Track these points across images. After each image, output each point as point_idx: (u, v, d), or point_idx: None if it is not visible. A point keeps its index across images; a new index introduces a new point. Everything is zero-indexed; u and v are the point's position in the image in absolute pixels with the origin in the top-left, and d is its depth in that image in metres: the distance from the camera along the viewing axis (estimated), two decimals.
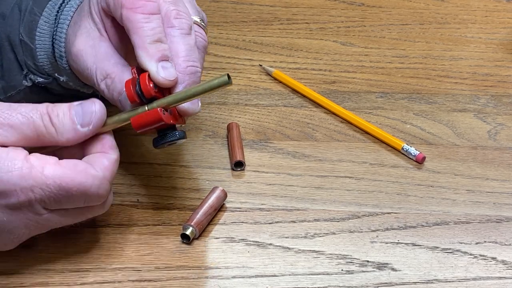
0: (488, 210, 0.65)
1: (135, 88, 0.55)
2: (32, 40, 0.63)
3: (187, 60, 0.57)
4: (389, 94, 0.78)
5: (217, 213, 0.63)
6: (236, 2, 0.92)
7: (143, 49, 0.55)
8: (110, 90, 0.57)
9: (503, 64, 0.83)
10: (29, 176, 0.51)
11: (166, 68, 0.55)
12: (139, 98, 0.55)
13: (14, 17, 0.64)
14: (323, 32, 0.87)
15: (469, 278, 0.59)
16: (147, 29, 0.56)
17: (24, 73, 0.65)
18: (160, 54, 0.55)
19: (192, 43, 0.58)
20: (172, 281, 0.58)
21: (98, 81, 0.58)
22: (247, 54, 0.83)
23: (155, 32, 0.56)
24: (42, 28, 0.62)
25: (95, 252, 0.59)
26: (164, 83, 0.55)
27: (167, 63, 0.56)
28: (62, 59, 0.62)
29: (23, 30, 0.63)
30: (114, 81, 0.57)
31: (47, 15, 0.62)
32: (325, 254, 0.60)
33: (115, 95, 0.57)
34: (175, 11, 0.58)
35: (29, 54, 0.63)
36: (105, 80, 0.57)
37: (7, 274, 0.57)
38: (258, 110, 0.75)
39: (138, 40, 0.56)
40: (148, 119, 0.55)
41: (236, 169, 0.68)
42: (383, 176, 0.68)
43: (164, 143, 0.56)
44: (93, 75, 0.58)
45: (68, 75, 0.63)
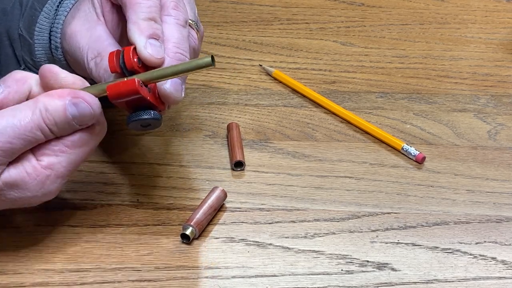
0: (488, 210, 0.65)
1: (119, 60, 0.54)
2: (31, 35, 0.63)
3: (177, 46, 0.56)
4: (389, 94, 0.78)
5: (217, 213, 0.63)
6: (236, 2, 0.92)
7: (135, 23, 0.55)
8: (98, 68, 0.57)
9: (503, 64, 0.83)
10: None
11: (154, 45, 0.55)
12: (121, 70, 0.54)
13: (15, 12, 0.64)
14: (323, 32, 0.87)
15: (469, 278, 0.59)
16: (143, 6, 0.56)
17: (22, 68, 0.65)
18: (151, 31, 0.55)
19: (185, 34, 0.58)
20: (172, 281, 0.58)
21: (88, 59, 0.57)
22: (247, 54, 0.83)
23: (150, 10, 0.56)
24: (42, 24, 0.63)
25: (95, 252, 0.59)
26: (149, 59, 0.55)
27: (156, 42, 0.55)
28: (57, 50, 0.62)
29: (23, 25, 0.63)
30: (103, 59, 0.56)
31: (48, 11, 0.63)
32: (325, 254, 0.60)
33: (101, 72, 0.57)
34: (174, 3, 0.58)
35: (27, 49, 0.64)
36: (95, 58, 0.57)
37: (7, 274, 0.57)
38: (258, 110, 0.75)
39: (133, 15, 0.56)
40: (124, 88, 0.53)
41: (236, 169, 0.68)
42: (383, 176, 0.68)
43: (136, 120, 0.55)
44: (84, 54, 0.58)
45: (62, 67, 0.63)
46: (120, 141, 0.70)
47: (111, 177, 0.66)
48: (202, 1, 0.91)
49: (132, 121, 0.55)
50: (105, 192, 0.65)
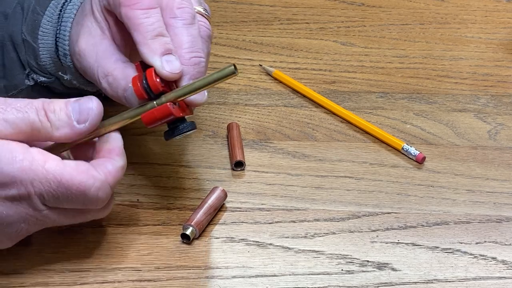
0: (488, 210, 0.65)
1: (142, 84, 0.55)
2: (34, 39, 0.63)
3: (191, 51, 0.57)
4: (389, 94, 0.78)
5: (217, 213, 0.63)
6: (236, 2, 0.92)
7: (145, 45, 0.56)
8: (113, 88, 0.57)
9: (503, 64, 0.83)
10: (29, 169, 0.51)
11: (170, 62, 0.55)
12: (147, 94, 0.55)
13: (17, 16, 0.64)
14: (323, 32, 0.87)
15: (469, 278, 0.59)
16: (146, 25, 0.56)
17: (27, 72, 0.65)
18: (162, 49, 0.56)
19: (196, 33, 0.58)
20: (172, 281, 0.58)
21: (100, 79, 0.58)
22: (247, 54, 0.83)
23: (155, 26, 0.56)
24: (45, 27, 0.62)
25: (95, 252, 0.59)
26: (169, 77, 0.55)
27: (170, 56, 0.56)
28: (66, 58, 0.62)
29: (26, 29, 0.63)
30: (116, 78, 0.57)
31: (50, 14, 0.62)
32: (325, 254, 0.60)
33: (120, 92, 0.57)
34: (177, 1, 0.58)
35: (31, 53, 0.63)
36: (107, 77, 0.57)
37: (7, 274, 0.57)
38: (258, 110, 0.75)
39: (139, 37, 0.56)
40: (159, 115, 0.55)
41: (236, 169, 0.68)
42: (383, 176, 0.68)
43: (175, 135, 0.57)
44: (95, 74, 0.58)
45: (72, 73, 0.63)
46: None
47: None
48: None
49: (173, 137, 0.57)
50: None
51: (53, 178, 0.52)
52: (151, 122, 0.55)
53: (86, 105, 0.54)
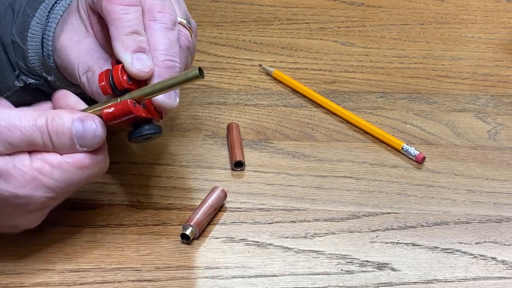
0: (488, 210, 0.65)
1: (108, 80, 0.54)
2: (24, 41, 0.63)
3: (166, 54, 0.56)
4: (389, 94, 0.78)
5: (217, 213, 0.63)
6: (236, 2, 0.92)
7: (118, 40, 0.55)
8: (90, 83, 0.57)
9: (503, 64, 0.83)
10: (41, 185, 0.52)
11: (140, 60, 0.55)
12: (112, 90, 0.54)
13: (7, 18, 0.64)
14: (323, 32, 0.87)
15: (469, 278, 0.59)
16: (124, 21, 0.55)
17: (16, 74, 0.65)
18: (135, 46, 0.55)
19: (174, 38, 0.57)
20: (172, 281, 0.58)
21: (80, 74, 0.57)
22: (247, 54, 0.83)
23: (132, 23, 0.55)
24: (34, 29, 0.62)
25: (95, 252, 0.59)
26: (138, 74, 0.55)
27: (142, 55, 0.55)
28: (49, 58, 0.62)
29: (15, 31, 0.63)
30: (95, 74, 0.56)
31: (40, 16, 0.62)
32: (325, 254, 0.60)
33: (94, 88, 0.56)
34: (159, 5, 0.57)
35: (20, 55, 0.63)
36: (87, 73, 0.57)
37: (7, 274, 0.57)
38: (258, 110, 0.75)
39: (115, 31, 0.55)
40: (118, 111, 0.54)
41: (236, 169, 0.68)
42: (383, 176, 0.68)
43: (137, 136, 0.55)
44: (75, 69, 0.58)
45: (55, 74, 0.63)
46: (120, 141, 0.70)
47: (111, 177, 0.66)
48: (202, 1, 0.92)
49: (133, 138, 0.56)
50: (105, 192, 0.65)
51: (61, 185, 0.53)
52: (110, 118, 0.54)
53: (90, 128, 0.53)
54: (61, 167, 0.53)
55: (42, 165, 0.52)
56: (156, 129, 0.55)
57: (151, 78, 0.55)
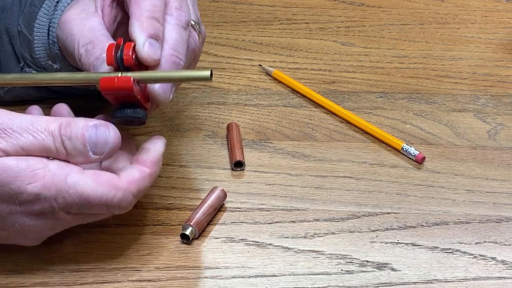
0: (488, 210, 0.65)
1: (116, 53, 0.54)
2: (30, 31, 0.63)
3: (174, 49, 0.56)
4: (389, 94, 0.78)
5: (217, 213, 0.63)
6: (236, 2, 0.92)
7: (138, 20, 0.55)
8: (88, 55, 0.56)
9: (503, 64, 0.83)
10: (51, 185, 0.51)
11: (152, 45, 0.55)
12: (117, 64, 0.54)
13: (14, 9, 0.64)
14: (323, 32, 0.87)
15: (468, 278, 0.59)
16: (148, 4, 0.56)
17: (21, 65, 0.65)
18: (152, 31, 0.55)
19: (185, 37, 0.58)
20: (172, 281, 0.58)
21: (79, 46, 0.57)
22: (247, 54, 0.83)
23: (155, 9, 0.56)
24: (41, 20, 0.63)
25: (95, 252, 0.59)
26: (145, 59, 0.55)
27: (155, 42, 0.55)
28: (54, 45, 0.62)
29: (22, 21, 0.63)
30: (96, 47, 0.56)
31: (47, 7, 0.63)
32: (325, 254, 0.60)
33: (92, 59, 0.56)
34: (177, 3, 0.58)
35: (26, 46, 0.64)
36: (86, 45, 0.57)
37: (7, 274, 0.57)
38: (258, 110, 0.75)
39: (137, 11, 0.55)
40: (119, 83, 0.53)
41: (236, 169, 0.68)
42: (383, 176, 0.68)
43: (122, 116, 0.55)
44: (76, 41, 0.57)
45: (60, 61, 0.63)
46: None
47: None
48: (202, 1, 0.91)
49: (118, 117, 0.55)
50: None
51: (74, 192, 0.52)
52: (108, 88, 0.53)
53: (103, 136, 0.53)
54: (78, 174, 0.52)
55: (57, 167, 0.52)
56: (142, 114, 0.55)
57: (154, 67, 0.55)
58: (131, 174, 0.54)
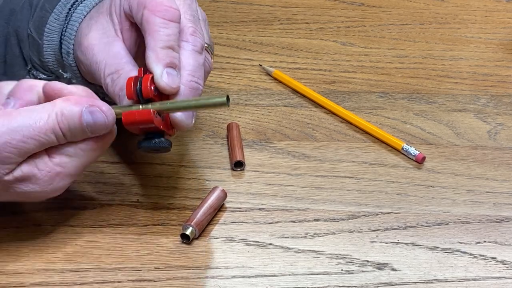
0: (488, 210, 0.65)
1: (136, 86, 0.55)
2: (40, 36, 0.63)
3: (193, 75, 0.58)
4: (389, 94, 0.78)
5: (217, 213, 0.63)
6: (236, 2, 0.92)
7: (154, 51, 0.56)
8: (114, 85, 0.58)
9: (503, 64, 0.83)
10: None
11: (171, 75, 0.56)
12: (137, 97, 0.56)
13: (24, 12, 0.65)
14: (323, 32, 0.87)
15: (469, 278, 0.59)
16: (163, 34, 0.56)
17: (28, 68, 0.65)
18: (168, 60, 0.56)
19: (201, 62, 0.59)
20: (172, 281, 0.58)
21: (104, 75, 0.58)
22: (247, 54, 0.83)
23: (170, 38, 0.57)
24: (52, 25, 0.63)
25: (95, 252, 0.59)
26: (165, 88, 0.56)
27: (173, 71, 0.56)
28: (69, 56, 0.62)
29: (32, 25, 0.64)
30: (120, 77, 0.57)
31: (58, 12, 0.63)
32: (325, 254, 0.60)
33: (117, 90, 0.57)
34: (192, 28, 0.59)
35: (35, 49, 0.64)
36: (112, 75, 0.58)
37: (7, 274, 0.57)
38: (258, 110, 0.75)
39: (152, 42, 0.56)
40: (139, 117, 0.55)
41: (236, 169, 0.68)
42: (383, 176, 0.68)
43: (148, 146, 0.57)
44: (101, 69, 0.58)
45: (72, 72, 0.63)
46: (120, 141, 0.70)
47: (111, 177, 0.66)
48: (202, 1, 0.91)
49: (143, 146, 0.57)
50: (105, 192, 0.65)
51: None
52: (129, 122, 0.55)
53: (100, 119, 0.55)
54: (77, 154, 0.55)
55: (60, 158, 0.55)
56: (167, 143, 0.57)
57: (175, 95, 0.57)
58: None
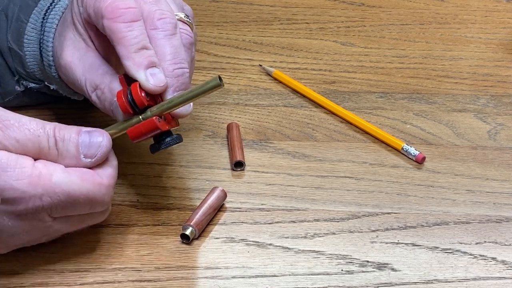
0: (488, 210, 0.65)
1: (127, 99, 0.55)
2: (20, 47, 0.62)
3: (174, 62, 0.56)
4: (389, 94, 0.78)
5: (217, 213, 0.63)
6: (236, 2, 0.92)
7: (129, 59, 0.55)
8: (101, 101, 0.57)
9: (503, 64, 0.83)
10: (37, 184, 0.51)
11: (154, 75, 0.55)
12: (132, 109, 0.55)
13: (1, 24, 0.64)
14: (323, 32, 0.87)
15: (469, 278, 0.59)
16: (130, 38, 0.55)
17: (16, 79, 0.65)
18: (146, 62, 0.55)
19: (178, 43, 0.57)
20: (172, 281, 0.58)
21: (89, 92, 0.58)
22: (247, 54, 0.83)
23: (138, 39, 0.55)
24: (30, 35, 0.62)
25: (95, 252, 0.59)
26: (154, 90, 0.55)
27: (155, 69, 0.55)
28: (50, 68, 0.61)
29: (11, 37, 0.63)
30: (104, 92, 0.57)
31: (34, 22, 0.62)
32: (325, 254, 0.60)
33: (107, 105, 0.57)
34: (158, 11, 0.57)
35: (18, 61, 0.63)
36: (96, 91, 0.57)
37: (7, 274, 0.57)
38: (258, 110, 0.75)
39: (123, 51, 0.55)
40: (145, 129, 0.55)
41: (236, 169, 0.68)
42: (383, 176, 0.68)
43: (163, 148, 0.57)
44: (83, 86, 0.58)
45: (57, 84, 0.63)
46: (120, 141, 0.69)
47: None
48: (202, 1, 0.92)
49: (159, 150, 0.57)
50: None
51: (61, 191, 0.52)
52: (137, 137, 0.55)
53: (96, 139, 0.54)
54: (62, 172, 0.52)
55: (43, 166, 0.52)
56: (178, 139, 0.57)
57: (165, 90, 0.56)
58: (106, 169, 0.54)
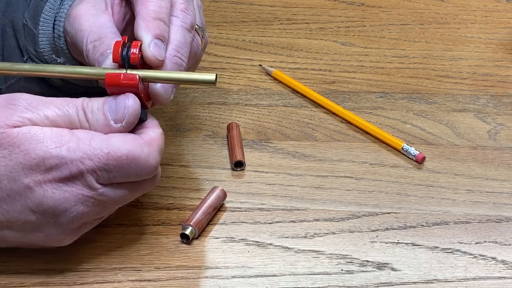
0: (488, 210, 0.65)
1: (123, 51, 0.55)
2: (35, 25, 0.63)
3: (177, 51, 0.57)
4: (389, 94, 0.78)
5: (217, 213, 0.63)
6: (236, 2, 0.92)
7: (144, 20, 0.56)
8: (95, 51, 0.57)
9: (503, 64, 0.83)
10: (77, 148, 0.52)
11: (158, 46, 0.56)
12: (122, 61, 0.55)
13: (20, 2, 0.65)
14: (323, 32, 0.87)
15: (469, 278, 0.59)
16: (155, 5, 0.56)
17: (24, 59, 0.65)
18: (158, 31, 0.56)
19: (188, 39, 0.58)
20: (172, 281, 0.58)
21: (87, 42, 0.57)
22: (247, 54, 0.83)
23: (161, 10, 0.56)
24: (47, 14, 0.63)
25: (95, 252, 0.59)
26: (150, 59, 0.55)
27: (160, 43, 0.56)
28: (60, 39, 0.62)
29: (28, 15, 0.64)
30: (103, 43, 0.57)
31: (53, 1, 0.63)
32: (325, 254, 0.60)
33: (97, 55, 0.57)
34: (184, 5, 0.58)
35: (31, 39, 0.64)
36: (94, 42, 0.57)
37: (7, 274, 0.57)
38: (258, 110, 0.75)
39: (143, 11, 0.56)
40: (125, 81, 0.54)
41: (236, 169, 0.68)
42: (383, 176, 0.68)
43: None
44: (84, 37, 0.58)
45: (64, 56, 0.63)
46: None
47: None
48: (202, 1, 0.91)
49: None
50: None
51: (100, 152, 0.52)
52: (113, 84, 0.54)
53: (122, 103, 0.54)
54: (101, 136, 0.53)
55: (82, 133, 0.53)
56: (144, 113, 0.56)
57: (158, 67, 0.56)
58: (147, 133, 0.55)
